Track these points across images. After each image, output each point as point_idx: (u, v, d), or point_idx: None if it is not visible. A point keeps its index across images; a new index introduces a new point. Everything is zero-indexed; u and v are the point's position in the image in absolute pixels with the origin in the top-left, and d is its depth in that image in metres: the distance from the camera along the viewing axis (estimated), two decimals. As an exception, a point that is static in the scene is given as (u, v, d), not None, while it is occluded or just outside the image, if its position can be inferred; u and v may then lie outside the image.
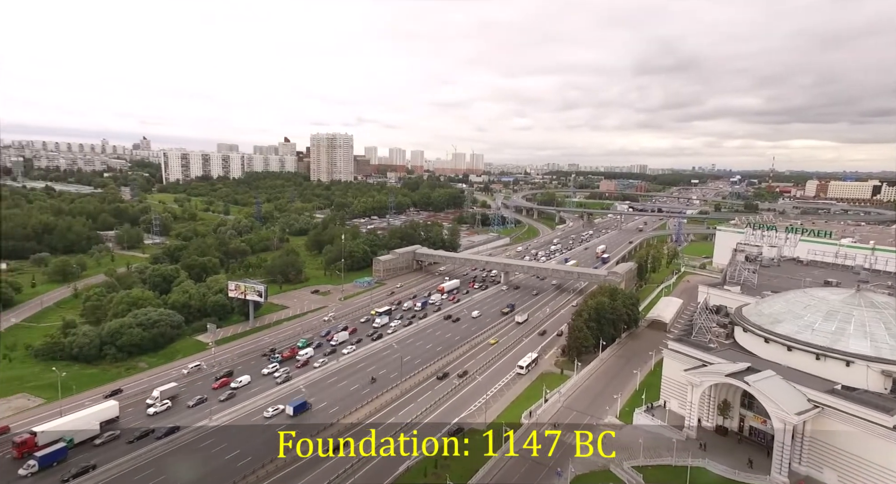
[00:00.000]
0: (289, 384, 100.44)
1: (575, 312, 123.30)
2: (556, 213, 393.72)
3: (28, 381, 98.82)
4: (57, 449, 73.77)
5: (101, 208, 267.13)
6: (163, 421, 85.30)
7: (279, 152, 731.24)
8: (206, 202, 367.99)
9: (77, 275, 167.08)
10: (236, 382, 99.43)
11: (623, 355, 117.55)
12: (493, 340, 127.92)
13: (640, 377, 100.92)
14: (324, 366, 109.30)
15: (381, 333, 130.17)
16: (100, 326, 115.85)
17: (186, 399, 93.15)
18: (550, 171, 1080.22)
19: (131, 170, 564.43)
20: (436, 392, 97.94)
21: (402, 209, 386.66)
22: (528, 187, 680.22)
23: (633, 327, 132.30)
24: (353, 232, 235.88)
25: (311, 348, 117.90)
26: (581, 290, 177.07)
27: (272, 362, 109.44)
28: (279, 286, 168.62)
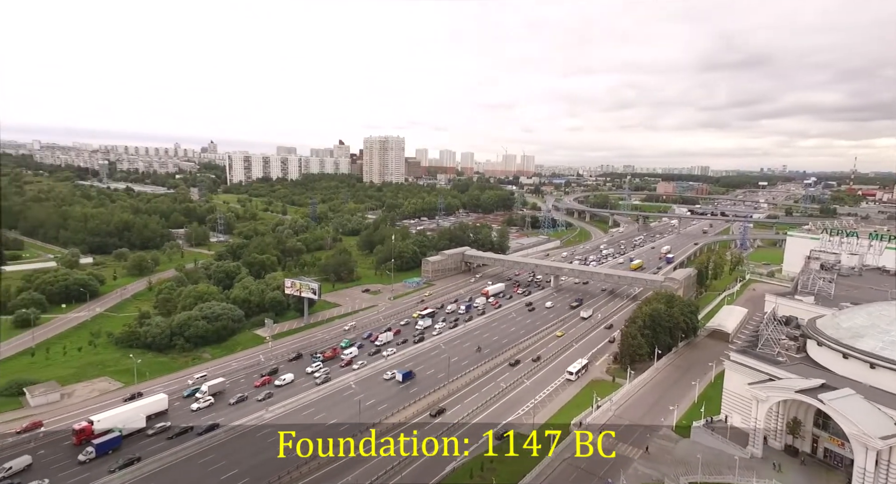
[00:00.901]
0: (328, 385, 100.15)
1: (628, 319, 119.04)
2: (610, 216, 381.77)
3: (109, 365, 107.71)
4: (112, 437, 77.63)
5: (172, 208, 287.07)
6: (204, 417, 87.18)
7: (334, 155, 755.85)
8: (265, 202, 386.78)
9: (151, 269, 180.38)
10: (280, 380, 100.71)
11: (680, 365, 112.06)
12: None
13: (698, 389, 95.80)
14: (363, 367, 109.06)
15: (424, 335, 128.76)
16: (170, 317, 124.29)
17: (231, 395, 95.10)
18: (604, 172, 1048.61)
19: (199, 172, 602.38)
20: (483, 394, 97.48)
21: (451, 211, 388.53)
22: (581, 189, 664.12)
23: (691, 336, 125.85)
24: (403, 233, 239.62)
25: (354, 348, 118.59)
26: (635, 296, 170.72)
27: (315, 361, 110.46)
28: (332, 284, 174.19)
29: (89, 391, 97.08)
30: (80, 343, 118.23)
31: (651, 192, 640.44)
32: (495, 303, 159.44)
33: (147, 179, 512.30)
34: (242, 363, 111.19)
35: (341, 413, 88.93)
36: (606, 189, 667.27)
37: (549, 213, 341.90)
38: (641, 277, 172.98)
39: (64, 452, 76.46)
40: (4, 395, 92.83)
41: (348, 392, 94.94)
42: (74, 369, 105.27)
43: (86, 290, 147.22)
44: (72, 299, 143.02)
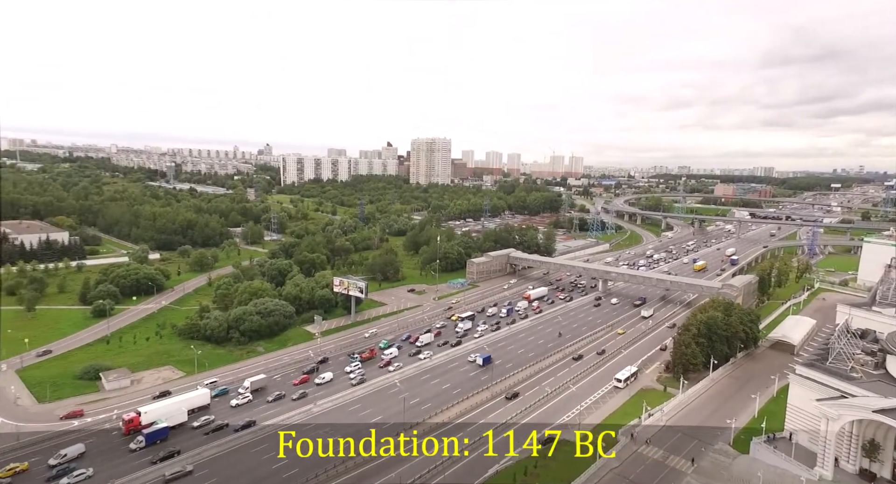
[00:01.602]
0: (362, 387, 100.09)
1: (681, 326, 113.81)
2: (663, 219, 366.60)
3: (173, 355, 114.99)
4: (160, 428, 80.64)
5: (231, 207, 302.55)
6: (242, 414, 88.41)
7: (382, 156, 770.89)
8: (316, 203, 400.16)
9: (211, 266, 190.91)
10: (319, 379, 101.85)
11: (738, 377, 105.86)
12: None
13: (759, 403, 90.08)
14: (398, 370, 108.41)
15: (461, 339, 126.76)
16: (227, 312, 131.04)
17: (270, 393, 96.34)
18: (657, 174, 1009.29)
19: (256, 173, 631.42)
20: (528, 397, 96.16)
21: (496, 212, 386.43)
22: (632, 191, 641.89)
23: (751, 347, 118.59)
24: (448, 234, 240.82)
25: (394, 348, 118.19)
26: (689, 302, 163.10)
27: (353, 361, 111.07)
28: (378, 284, 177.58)
29: (155, 379, 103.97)
30: (148, 333, 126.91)
31: (708, 194, 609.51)
32: (536, 307, 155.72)
33: (208, 180, 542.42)
34: (294, 357, 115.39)
35: (385, 410, 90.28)
36: (659, 191, 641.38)
37: (598, 215, 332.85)
38: (696, 283, 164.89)
39: (115, 441, 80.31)
40: (84, 378, 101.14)
41: (393, 390, 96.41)
42: (143, 357, 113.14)
43: (153, 284, 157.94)
44: (141, 292, 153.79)
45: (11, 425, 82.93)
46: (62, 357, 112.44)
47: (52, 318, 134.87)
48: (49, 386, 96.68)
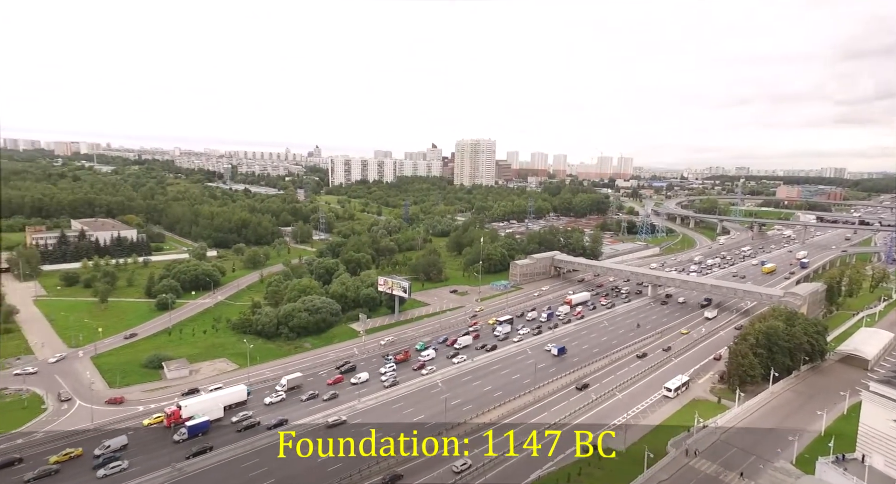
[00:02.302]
0: (393, 389, 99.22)
1: (738, 335, 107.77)
2: (718, 223, 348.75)
3: (227, 348, 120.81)
4: (202, 421, 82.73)
5: (282, 207, 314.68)
6: (275, 412, 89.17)
7: (427, 158, 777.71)
8: (362, 203, 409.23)
9: (263, 263, 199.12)
10: (355, 379, 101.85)
11: (802, 391, 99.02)
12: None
13: (826, 421, 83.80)
14: (431, 373, 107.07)
15: (496, 344, 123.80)
16: (277, 308, 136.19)
17: (307, 390, 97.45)
18: (712, 175, 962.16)
19: (305, 174, 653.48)
20: (570, 403, 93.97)
21: (541, 214, 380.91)
22: (685, 193, 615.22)
23: (817, 360, 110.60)
24: (491, 235, 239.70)
25: (431, 350, 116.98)
26: (746, 310, 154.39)
27: (388, 363, 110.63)
28: (421, 284, 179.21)
29: (211, 370, 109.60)
30: (205, 326, 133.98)
31: (769, 196, 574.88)
32: (578, 313, 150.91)
33: (262, 181, 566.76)
34: (339, 355, 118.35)
35: (426, 410, 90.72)
36: (715, 193, 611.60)
37: (648, 218, 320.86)
38: (755, 291, 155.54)
39: (156, 434, 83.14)
40: (149, 367, 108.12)
41: (435, 390, 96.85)
42: (200, 349, 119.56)
43: (210, 280, 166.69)
44: (199, 287, 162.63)
45: (87, 408, 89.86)
46: (130, 346, 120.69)
47: (121, 309, 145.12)
48: (118, 373, 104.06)
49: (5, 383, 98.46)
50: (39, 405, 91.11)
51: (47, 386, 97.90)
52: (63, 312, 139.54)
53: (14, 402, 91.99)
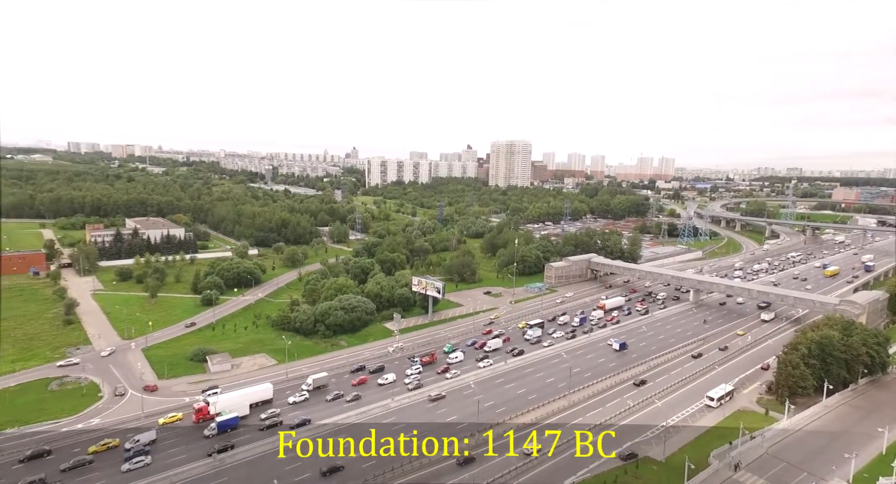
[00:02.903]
0: (417, 393, 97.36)
1: (788, 344, 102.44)
2: (767, 226, 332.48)
3: (267, 344, 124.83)
4: (231, 418, 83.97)
5: (320, 208, 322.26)
6: (297, 411, 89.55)
7: (461, 159, 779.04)
8: (398, 204, 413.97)
9: (301, 262, 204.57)
10: (382, 379, 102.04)
11: (860, 406, 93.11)
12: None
13: (888, 439, 78.40)
14: (455, 378, 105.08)
15: (523, 348, 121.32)
16: (314, 306, 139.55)
17: (332, 390, 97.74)
18: (760, 176, 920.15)
19: (343, 175, 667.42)
20: (608, 409, 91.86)
21: (577, 216, 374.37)
22: (730, 195, 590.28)
23: (877, 373, 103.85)
24: (526, 237, 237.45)
25: (459, 353, 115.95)
26: (798, 318, 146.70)
27: (413, 365, 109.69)
28: (455, 285, 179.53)
29: (251, 364, 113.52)
30: (246, 323, 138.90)
31: (824, 199, 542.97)
32: (612, 318, 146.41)
33: (301, 182, 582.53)
34: (373, 353, 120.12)
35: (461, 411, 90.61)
36: (763, 195, 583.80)
37: (691, 220, 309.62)
38: (808, 298, 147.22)
39: (184, 429, 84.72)
40: (194, 360, 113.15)
41: (468, 391, 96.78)
42: (242, 344, 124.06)
43: (252, 277, 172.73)
44: (241, 284, 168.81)
45: (137, 397, 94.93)
46: (177, 339, 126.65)
47: (170, 304, 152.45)
48: (166, 365, 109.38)
49: (65, 372, 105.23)
50: (96, 393, 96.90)
51: (102, 375, 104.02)
52: (117, 305, 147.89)
53: (74, 389, 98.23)
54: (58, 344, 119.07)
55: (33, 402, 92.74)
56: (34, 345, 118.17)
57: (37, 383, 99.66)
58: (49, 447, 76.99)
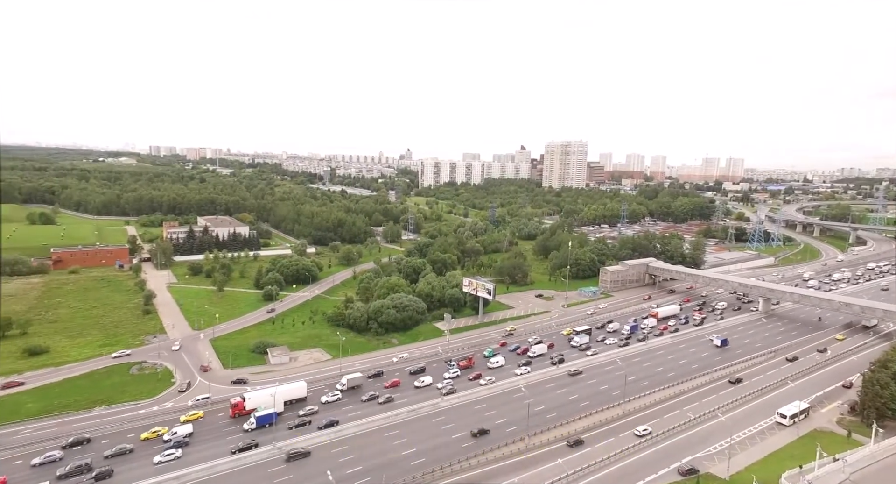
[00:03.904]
0: (448, 399, 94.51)
1: (876, 361, 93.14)
2: (852, 232, 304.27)
3: (322, 339, 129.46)
4: (269, 413, 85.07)
5: (374, 208, 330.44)
6: (329, 411, 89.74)
7: (515, 160, 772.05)
8: (450, 205, 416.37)
9: (356, 261, 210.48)
10: (419, 382, 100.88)
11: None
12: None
13: None
14: (490, 384, 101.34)
15: (563, 357, 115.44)
16: (368, 304, 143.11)
17: (366, 391, 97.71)
18: (845, 177, 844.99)
19: (397, 177, 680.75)
20: (665, 421, 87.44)
21: (635, 218, 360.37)
22: (808, 198, 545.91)
23: None
24: (580, 239, 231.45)
25: (500, 357, 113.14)
26: (888, 333, 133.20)
27: (451, 368, 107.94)
28: (506, 286, 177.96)
29: (308, 358, 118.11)
30: (303, 318, 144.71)
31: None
32: (665, 327, 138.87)
33: (357, 183, 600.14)
34: (424, 352, 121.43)
35: (509, 414, 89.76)
36: (848, 198, 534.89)
37: (761, 224, 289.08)
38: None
39: (220, 422, 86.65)
40: (256, 352, 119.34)
41: (517, 394, 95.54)
42: (299, 339, 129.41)
43: (309, 274, 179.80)
44: (300, 281, 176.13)
45: (205, 384, 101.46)
46: (240, 332, 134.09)
47: (234, 298, 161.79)
48: (231, 355, 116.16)
49: (144, 357, 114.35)
50: (169, 378, 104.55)
51: (175, 362, 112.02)
52: (189, 297, 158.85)
53: (151, 374, 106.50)
54: (138, 331, 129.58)
55: (118, 384, 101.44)
56: (119, 331, 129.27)
57: (121, 367, 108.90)
58: (89, 436, 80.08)
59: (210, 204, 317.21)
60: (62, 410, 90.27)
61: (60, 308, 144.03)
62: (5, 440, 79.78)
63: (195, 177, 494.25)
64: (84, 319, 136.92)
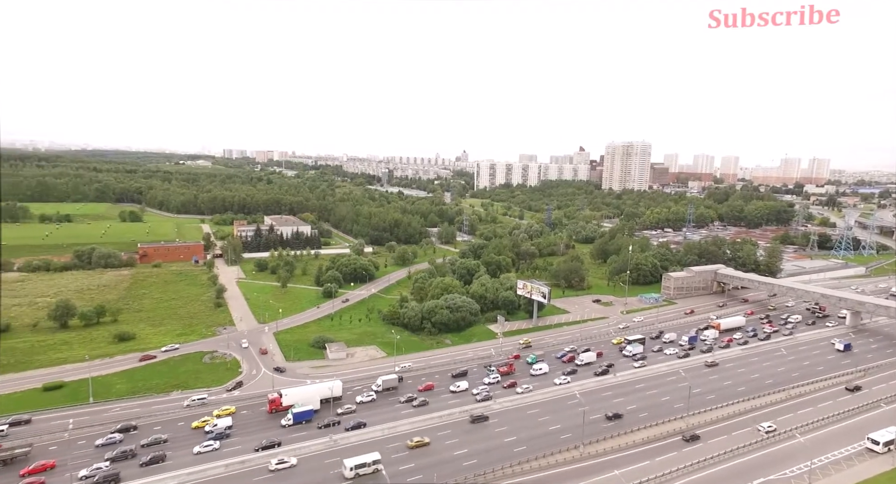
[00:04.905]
0: (483, 405, 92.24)
1: None
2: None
3: (377, 337, 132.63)
4: (307, 410, 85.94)
5: (430, 209, 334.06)
6: (361, 413, 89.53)
7: (573, 161, 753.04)
8: (505, 207, 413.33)
9: (411, 261, 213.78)
10: (454, 386, 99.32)
11: None
12: None
13: None
14: (527, 392, 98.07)
15: (608, 367, 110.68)
16: (422, 303, 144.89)
17: (402, 392, 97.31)
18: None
19: (452, 178, 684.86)
20: (733, 438, 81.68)
21: (703, 223, 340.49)
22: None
23: None
24: (641, 243, 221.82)
25: (544, 364, 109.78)
26: None
27: (491, 373, 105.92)
28: (562, 290, 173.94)
29: (364, 355, 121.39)
30: (360, 315, 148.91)
31: None
32: (730, 339, 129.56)
33: (413, 184, 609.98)
34: (477, 353, 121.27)
35: (565, 421, 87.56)
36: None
37: (850, 230, 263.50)
38: None
39: (258, 417, 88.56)
40: (315, 346, 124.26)
41: (573, 401, 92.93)
42: (355, 336, 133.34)
43: (366, 273, 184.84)
44: (357, 279, 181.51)
45: (269, 375, 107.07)
46: (302, 326, 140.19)
47: (296, 294, 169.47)
48: (292, 349, 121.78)
49: (215, 346, 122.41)
50: (237, 368, 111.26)
51: (242, 353, 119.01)
52: (255, 292, 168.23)
53: (221, 363, 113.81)
54: (210, 323, 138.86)
55: (192, 371, 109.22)
56: (193, 322, 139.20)
57: (195, 355, 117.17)
58: (136, 423, 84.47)
59: (276, 204, 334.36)
60: (146, 392, 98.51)
61: (145, 299, 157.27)
62: (96, 418, 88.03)
63: (263, 178, 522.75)
64: (165, 309, 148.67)
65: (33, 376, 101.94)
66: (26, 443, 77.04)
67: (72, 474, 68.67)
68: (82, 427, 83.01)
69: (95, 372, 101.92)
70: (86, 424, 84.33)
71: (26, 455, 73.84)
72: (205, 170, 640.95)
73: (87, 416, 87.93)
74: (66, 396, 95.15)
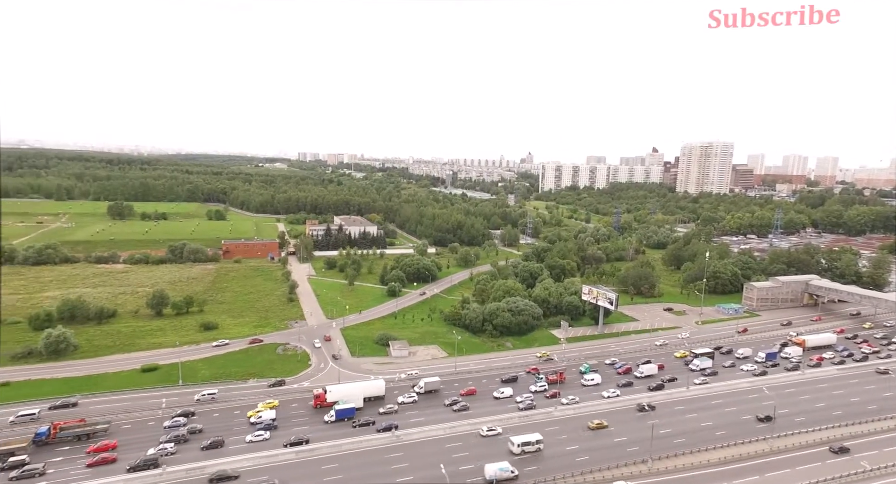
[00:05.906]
0: (524, 414, 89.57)
1: None
2: None
3: (439, 337, 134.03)
4: (349, 407, 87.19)
5: (493, 211, 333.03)
6: (400, 414, 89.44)
7: (645, 163, 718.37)
8: (571, 210, 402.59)
9: (473, 263, 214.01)
10: (498, 393, 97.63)
11: None
12: None
13: None
14: (572, 403, 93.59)
15: (663, 382, 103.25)
16: (483, 305, 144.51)
17: (445, 396, 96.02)
18: None
19: (517, 180, 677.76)
20: (826, 467, 73.96)
21: (792, 229, 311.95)
22: None
23: None
24: (720, 250, 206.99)
25: (596, 375, 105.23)
26: None
27: (539, 381, 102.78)
28: (630, 297, 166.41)
29: (425, 354, 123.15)
30: (422, 315, 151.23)
31: None
32: (819, 358, 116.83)
33: (477, 187, 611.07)
34: (531, 360, 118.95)
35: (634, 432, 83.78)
36: None
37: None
38: None
39: (303, 411, 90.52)
40: (379, 343, 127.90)
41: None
42: (417, 334, 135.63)
43: (429, 273, 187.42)
44: (420, 279, 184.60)
45: (335, 369, 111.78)
46: (367, 323, 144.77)
47: (362, 292, 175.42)
48: (357, 344, 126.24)
49: (286, 339, 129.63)
50: (307, 361, 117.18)
51: (311, 346, 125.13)
52: (324, 289, 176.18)
53: (292, 355, 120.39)
54: (283, 316, 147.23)
55: (266, 361, 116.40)
56: (268, 316, 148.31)
57: (269, 346, 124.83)
58: (193, 409, 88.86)
59: (345, 205, 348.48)
60: (226, 378, 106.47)
61: (226, 292, 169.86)
62: (184, 400, 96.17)
63: (333, 180, 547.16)
64: (243, 302, 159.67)
65: (134, 358, 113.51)
66: (105, 420, 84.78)
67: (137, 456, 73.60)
68: (153, 409, 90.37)
69: (185, 357, 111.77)
70: (175, 405, 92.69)
71: (105, 431, 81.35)
72: (281, 172, 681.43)
73: (177, 396, 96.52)
74: (159, 377, 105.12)
